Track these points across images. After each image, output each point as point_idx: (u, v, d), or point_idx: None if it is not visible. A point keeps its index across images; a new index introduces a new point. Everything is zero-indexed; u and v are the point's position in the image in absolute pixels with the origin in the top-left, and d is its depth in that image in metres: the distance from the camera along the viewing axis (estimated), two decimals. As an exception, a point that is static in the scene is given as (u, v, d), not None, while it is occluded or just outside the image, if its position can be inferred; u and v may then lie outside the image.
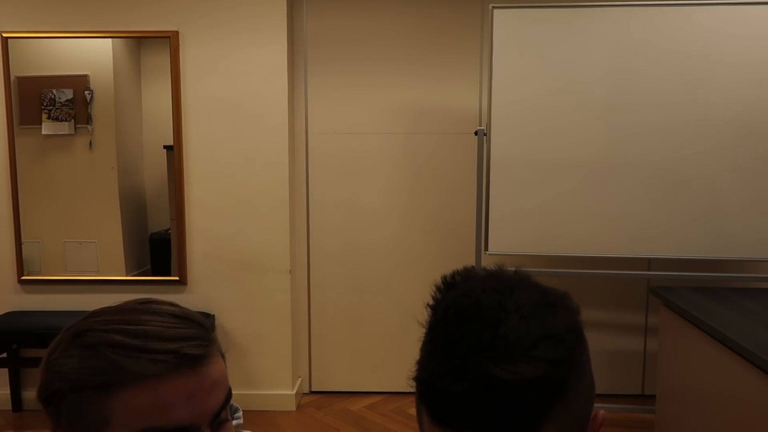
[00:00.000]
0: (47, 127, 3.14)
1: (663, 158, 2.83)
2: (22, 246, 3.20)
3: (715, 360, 2.17)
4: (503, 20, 2.84)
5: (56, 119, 3.13)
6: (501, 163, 2.90)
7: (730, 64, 2.78)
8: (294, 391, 3.34)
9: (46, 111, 3.12)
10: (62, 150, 3.16)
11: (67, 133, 3.14)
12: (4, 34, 3.11)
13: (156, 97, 3.21)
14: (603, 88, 2.84)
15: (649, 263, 3.30)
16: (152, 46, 3.19)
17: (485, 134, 2.93)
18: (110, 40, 3.12)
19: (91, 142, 3.15)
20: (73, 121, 3.13)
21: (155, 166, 3.27)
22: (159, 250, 3.32)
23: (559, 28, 2.85)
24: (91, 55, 3.13)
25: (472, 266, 0.68)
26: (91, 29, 3.11)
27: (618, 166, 2.86)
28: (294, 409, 3.32)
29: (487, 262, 3.15)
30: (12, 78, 3.12)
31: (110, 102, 3.15)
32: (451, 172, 3.41)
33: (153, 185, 3.30)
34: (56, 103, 3.11)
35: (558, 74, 2.85)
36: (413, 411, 3.44)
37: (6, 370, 3.21)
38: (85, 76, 3.12)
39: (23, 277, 3.23)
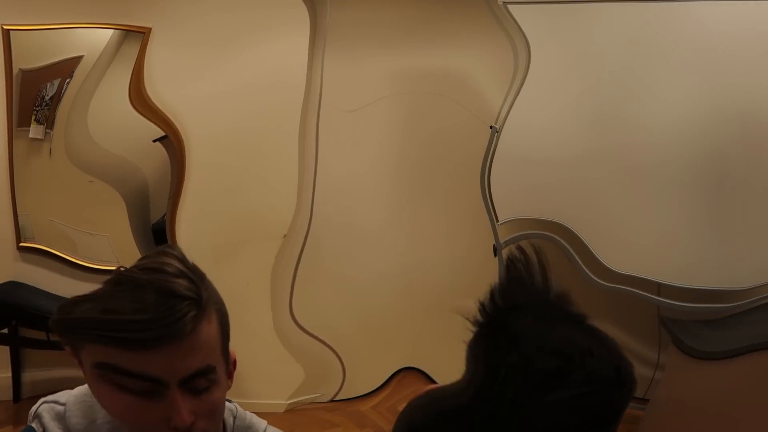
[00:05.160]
0: (33, 131, 2.99)
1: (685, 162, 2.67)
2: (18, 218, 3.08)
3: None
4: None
5: (38, 122, 2.98)
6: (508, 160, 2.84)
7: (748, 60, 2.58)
8: (293, 391, 3.28)
9: (35, 112, 2.97)
10: (41, 155, 3.02)
11: (41, 137, 2.99)
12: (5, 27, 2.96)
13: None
14: (612, 87, 2.70)
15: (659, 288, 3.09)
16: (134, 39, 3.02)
17: (497, 132, 2.84)
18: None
19: (50, 150, 3.00)
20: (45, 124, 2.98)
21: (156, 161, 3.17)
22: (161, 240, 3.25)
23: (564, 24, 2.74)
24: (86, 40, 2.98)
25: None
26: (89, 21, 2.93)
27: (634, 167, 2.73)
28: (293, 408, 3.27)
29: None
30: (15, 71, 2.94)
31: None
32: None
33: (154, 178, 3.21)
34: (44, 102, 2.98)
35: (565, 71, 2.75)
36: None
37: (8, 348, 3.06)
38: (80, 58, 2.97)
39: (21, 244, 3.08)
